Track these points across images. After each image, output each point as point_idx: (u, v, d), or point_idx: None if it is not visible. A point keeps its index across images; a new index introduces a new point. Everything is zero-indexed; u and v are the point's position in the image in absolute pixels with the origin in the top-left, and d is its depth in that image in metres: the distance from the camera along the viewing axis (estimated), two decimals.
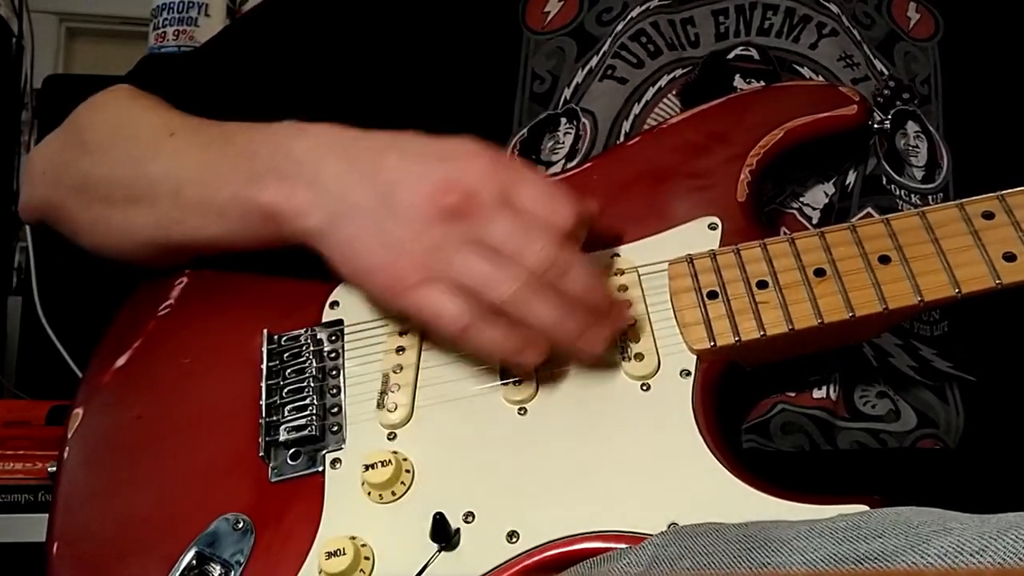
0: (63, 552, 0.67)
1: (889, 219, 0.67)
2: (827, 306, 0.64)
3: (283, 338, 0.72)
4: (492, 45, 0.84)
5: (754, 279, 0.66)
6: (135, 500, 0.68)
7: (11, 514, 1.24)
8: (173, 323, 0.77)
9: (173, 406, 0.72)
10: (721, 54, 0.81)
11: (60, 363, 1.54)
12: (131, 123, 0.80)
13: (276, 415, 0.68)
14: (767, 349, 0.66)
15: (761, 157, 0.73)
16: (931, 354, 0.75)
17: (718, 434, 0.63)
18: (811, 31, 0.81)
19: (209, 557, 0.63)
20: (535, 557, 0.59)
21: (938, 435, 0.72)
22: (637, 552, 0.55)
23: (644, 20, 0.83)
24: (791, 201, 0.77)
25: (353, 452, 0.66)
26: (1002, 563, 0.41)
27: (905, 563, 0.44)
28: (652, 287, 0.69)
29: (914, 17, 0.85)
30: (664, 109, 0.79)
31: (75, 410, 0.73)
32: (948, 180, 0.80)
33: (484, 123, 0.81)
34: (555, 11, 0.85)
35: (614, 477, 0.62)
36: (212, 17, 1.65)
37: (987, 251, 0.64)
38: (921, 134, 0.80)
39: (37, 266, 1.65)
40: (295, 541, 0.63)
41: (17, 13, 2.01)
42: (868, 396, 0.72)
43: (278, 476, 0.66)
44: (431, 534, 0.60)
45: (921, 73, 0.83)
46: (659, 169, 0.74)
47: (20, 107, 1.97)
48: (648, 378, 0.65)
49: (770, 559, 0.48)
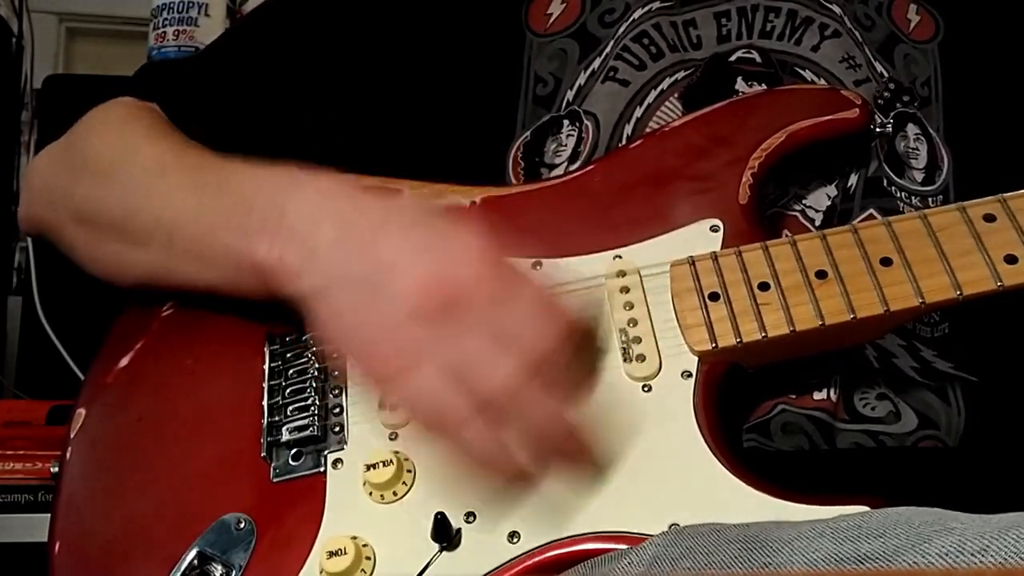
0: (65, 552, 0.67)
1: (891, 221, 0.67)
2: (829, 308, 0.64)
3: (285, 339, 0.73)
4: (495, 48, 0.84)
5: (756, 281, 0.67)
6: (137, 500, 0.68)
7: (11, 514, 1.23)
8: (176, 324, 0.77)
9: (175, 407, 0.72)
10: (723, 56, 0.81)
11: (60, 363, 1.54)
12: (126, 156, 0.78)
13: (278, 415, 0.68)
14: (769, 351, 0.66)
15: (763, 160, 0.73)
16: (932, 355, 0.75)
17: (719, 435, 0.63)
18: (813, 33, 0.82)
19: (211, 557, 0.63)
20: (536, 557, 0.60)
21: (938, 436, 0.72)
22: (638, 552, 0.55)
23: (646, 22, 0.83)
24: (794, 204, 0.77)
25: (355, 452, 0.66)
26: (1003, 563, 0.41)
27: (906, 563, 0.44)
28: (654, 288, 0.69)
29: (914, 19, 0.85)
30: (666, 112, 0.79)
31: (78, 410, 0.73)
32: (948, 182, 0.80)
33: (487, 126, 0.81)
34: (557, 13, 0.85)
35: (615, 478, 0.62)
36: (212, 17, 1.65)
37: (988, 253, 0.64)
38: (921, 136, 0.80)
39: (37, 266, 1.65)
40: (296, 541, 0.63)
41: (17, 13, 2.01)
42: (868, 398, 0.72)
43: (280, 476, 0.66)
44: (432, 534, 0.61)
45: (921, 75, 0.83)
46: (661, 171, 0.75)
47: (20, 107, 1.97)
48: (649, 379, 0.65)
49: (771, 559, 0.49)
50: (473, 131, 0.81)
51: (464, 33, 0.84)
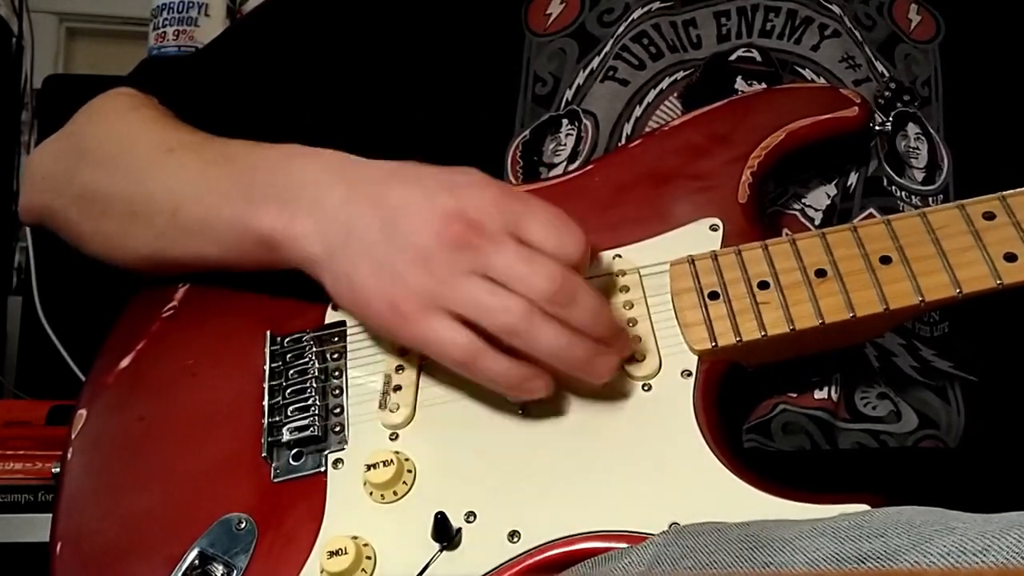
0: (66, 552, 0.67)
1: (890, 220, 0.67)
2: (828, 306, 0.64)
3: (286, 339, 0.72)
4: (494, 48, 0.84)
5: (755, 280, 0.66)
6: (138, 500, 0.68)
7: (11, 514, 1.23)
8: (176, 324, 0.77)
9: (176, 407, 0.72)
10: (723, 56, 0.81)
11: (60, 363, 1.54)
12: (130, 137, 0.79)
13: (279, 416, 0.68)
14: (768, 349, 0.66)
15: (763, 159, 0.73)
16: (931, 355, 0.75)
17: (719, 434, 0.63)
18: (813, 32, 0.82)
19: (212, 557, 0.63)
20: (536, 557, 0.60)
21: (939, 436, 0.72)
22: (639, 552, 0.55)
23: (645, 22, 0.83)
24: (793, 203, 0.77)
25: (355, 452, 0.66)
26: (1004, 563, 0.41)
27: (907, 562, 0.44)
28: (653, 288, 0.69)
29: (915, 19, 0.85)
30: (665, 111, 0.80)
31: (79, 411, 0.73)
32: (948, 182, 0.80)
33: (486, 125, 0.81)
34: (556, 13, 0.85)
35: (615, 477, 0.62)
36: (212, 17, 1.65)
37: (988, 251, 0.64)
38: (921, 136, 0.80)
39: (37, 266, 1.65)
40: (297, 541, 0.63)
41: (17, 13, 2.01)
42: (869, 397, 0.72)
43: (280, 476, 0.66)
44: (432, 534, 0.61)
45: (922, 75, 0.83)
46: (661, 171, 0.75)
47: (20, 107, 1.97)
48: (649, 378, 0.65)
49: (772, 558, 0.49)
50: (472, 130, 0.81)
51: (463, 33, 0.84)
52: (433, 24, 0.85)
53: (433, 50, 0.84)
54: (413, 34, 0.85)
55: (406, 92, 0.83)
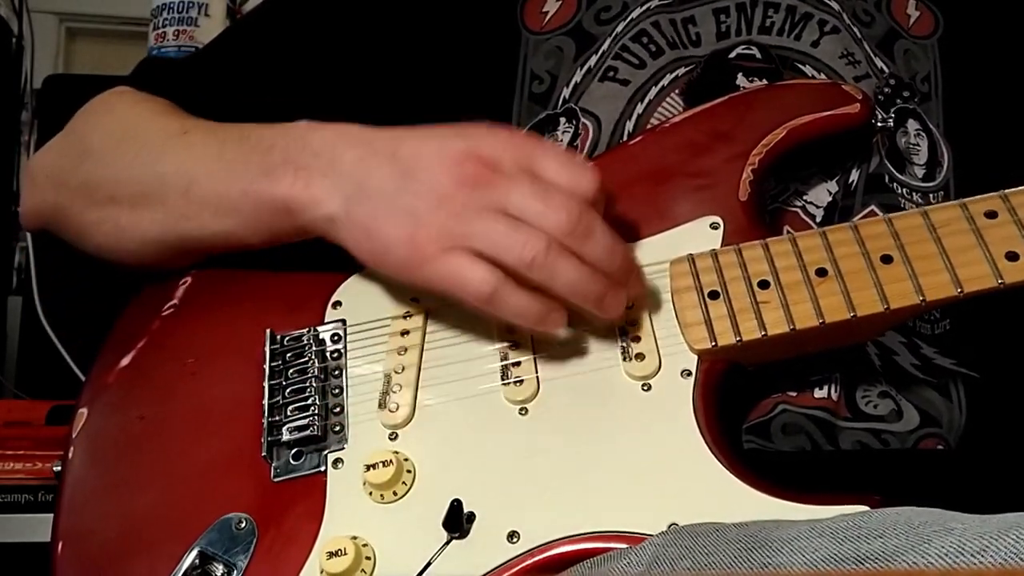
0: (68, 551, 0.67)
1: (891, 218, 0.67)
2: (828, 306, 0.64)
3: (286, 338, 0.72)
4: (490, 46, 0.84)
5: (755, 279, 0.66)
6: (138, 500, 0.68)
7: (11, 514, 1.24)
8: (176, 323, 0.77)
9: (176, 406, 0.72)
10: (723, 53, 0.81)
11: (60, 363, 1.54)
12: (141, 124, 0.79)
13: (278, 415, 0.68)
14: (768, 349, 0.66)
15: (764, 156, 0.73)
16: (933, 352, 0.75)
17: (719, 434, 0.63)
18: (812, 29, 0.81)
19: (212, 556, 0.63)
20: (536, 557, 0.59)
21: (940, 434, 0.72)
22: (637, 552, 0.55)
23: (645, 20, 0.82)
24: (794, 200, 0.77)
25: (355, 452, 0.66)
26: (1003, 563, 0.41)
27: (906, 563, 0.44)
28: (653, 287, 0.69)
29: (914, 15, 0.85)
30: (667, 108, 0.79)
31: (79, 410, 0.73)
32: (949, 178, 0.80)
33: (482, 123, 0.81)
34: (553, 11, 0.85)
35: (614, 477, 0.62)
36: (212, 17, 1.65)
37: (989, 250, 0.64)
38: (921, 132, 0.80)
39: (37, 266, 1.65)
40: (297, 541, 0.63)
41: (17, 13, 2.01)
42: (870, 396, 0.72)
43: (280, 476, 0.66)
44: (444, 522, 0.60)
45: (921, 71, 0.83)
46: (661, 168, 0.75)
47: (20, 107, 1.97)
48: (649, 378, 0.65)
49: (771, 559, 0.48)
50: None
51: (460, 31, 0.84)
52: (430, 22, 0.85)
53: (430, 48, 0.84)
54: (410, 32, 0.85)
55: (403, 90, 0.83)
